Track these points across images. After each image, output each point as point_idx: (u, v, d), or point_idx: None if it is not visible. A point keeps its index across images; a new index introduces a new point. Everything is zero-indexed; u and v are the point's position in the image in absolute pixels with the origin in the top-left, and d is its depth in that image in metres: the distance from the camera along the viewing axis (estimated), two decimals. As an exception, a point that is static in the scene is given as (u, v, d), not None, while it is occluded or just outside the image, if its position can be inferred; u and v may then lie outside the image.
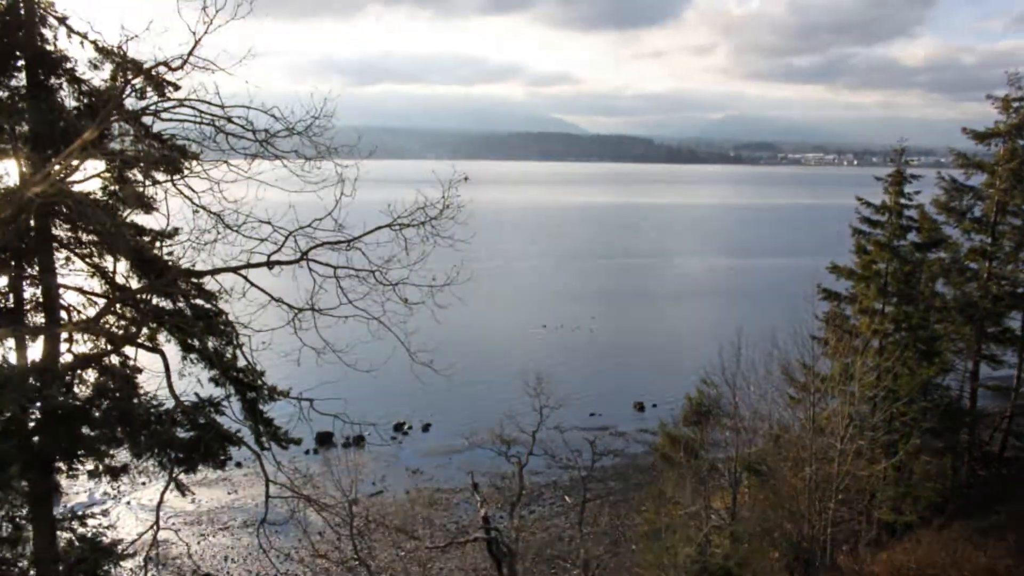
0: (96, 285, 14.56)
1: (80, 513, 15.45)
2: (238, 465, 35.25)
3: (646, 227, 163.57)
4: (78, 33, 13.32)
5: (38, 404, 13.73)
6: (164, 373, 13.09)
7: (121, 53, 12.99)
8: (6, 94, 13.33)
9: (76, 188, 13.54)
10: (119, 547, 15.51)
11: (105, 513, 16.31)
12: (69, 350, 14.35)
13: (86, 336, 14.33)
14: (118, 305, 14.11)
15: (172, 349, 14.19)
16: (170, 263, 13.83)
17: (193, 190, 13.31)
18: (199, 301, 14.27)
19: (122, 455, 15.09)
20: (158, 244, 14.28)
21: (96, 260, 14.47)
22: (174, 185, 13.53)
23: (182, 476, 14.78)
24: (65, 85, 13.68)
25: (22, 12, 13.18)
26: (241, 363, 14.38)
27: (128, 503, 33.28)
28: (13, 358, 13.86)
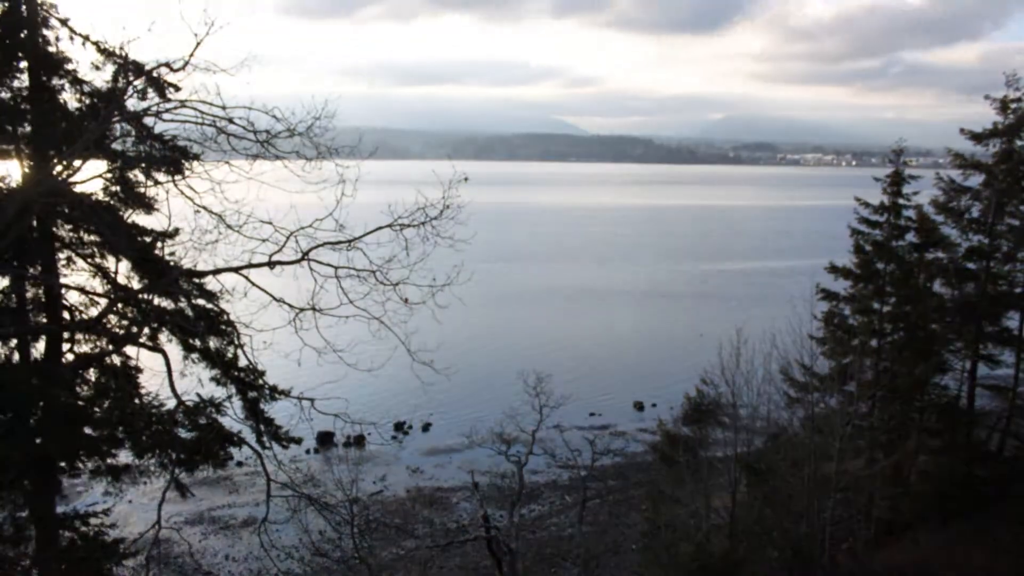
0: (98, 285, 14.65)
1: (82, 512, 15.55)
2: (239, 465, 35.24)
3: (647, 230, 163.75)
4: (80, 35, 13.42)
5: (40, 404, 13.81)
6: (166, 373, 13.14)
7: (123, 54, 13.08)
8: (9, 95, 13.43)
9: (78, 189, 13.63)
10: (121, 546, 15.62)
11: (107, 512, 16.35)
12: (71, 350, 14.43)
13: (88, 336, 14.41)
14: (120, 305, 14.18)
15: (173, 349, 14.25)
16: (171, 263, 13.89)
17: (194, 191, 13.39)
18: (200, 301, 14.35)
19: (124, 454, 15.18)
20: (159, 244, 14.36)
21: (98, 260, 14.56)
22: (175, 186, 13.61)
23: (183, 476, 14.86)
24: (67, 86, 13.78)
25: (24, 14, 13.27)
26: (242, 363, 14.46)
27: (130, 502, 33.31)
28: (16, 358, 13.94)
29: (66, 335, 14.29)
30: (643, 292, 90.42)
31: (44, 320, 14.37)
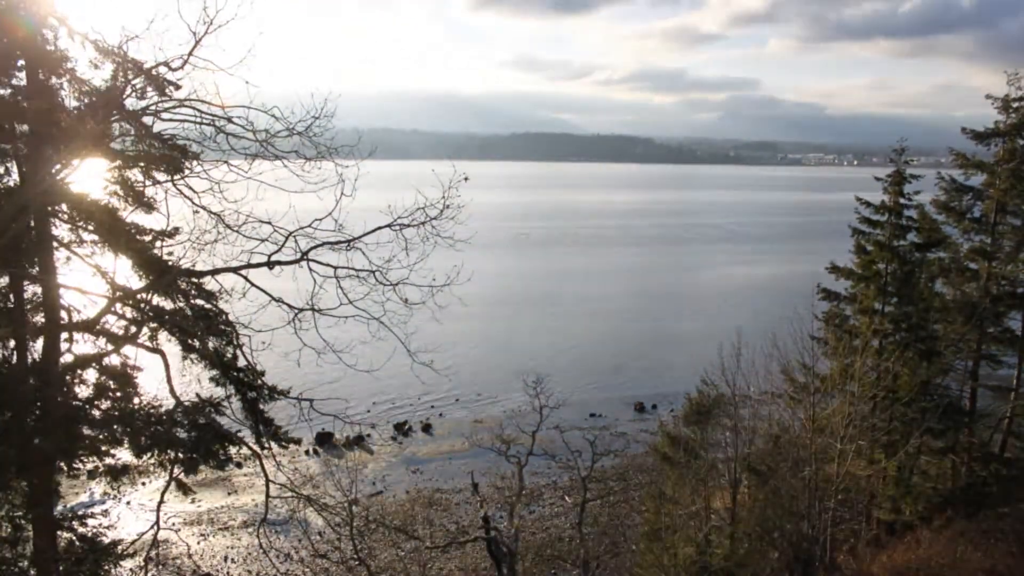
0: (96, 285, 14.56)
1: (80, 513, 15.47)
2: (238, 465, 35.12)
3: (646, 230, 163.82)
4: (78, 33, 13.31)
5: (38, 404, 13.74)
6: (164, 373, 13.10)
7: (121, 53, 13.00)
8: (7, 93, 13.34)
9: (77, 188, 13.57)
10: (119, 547, 15.54)
11: (105, 513, 16.28)
12: (69, 350, 14.35)
13: (86, 336, 14.34)
14: (118, 305, 14.11)
15: (172, 349, 14.21)
16: (170, 263, 13.85)
17: (193, 190, 13.35)
18: (199, 301, 14.29)
19: (122, 455, 15.12)
20: (158, 244, 14.30)
21: (96, 260, 14.48)
22: (174, 185, 13.56)
23: (183, 476, 14.81)
24: (66, 85, 13.67)
25: (22, 12, 13.18)
26: (241, 363, 14.41)
27: (128, 503, 33.27)
28: (14, 358, 13.87)
29: (64, 335, 14.22)
30: (642, 292, 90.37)
31: (42, 320, 14.30)
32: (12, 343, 13.74)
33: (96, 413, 14.48)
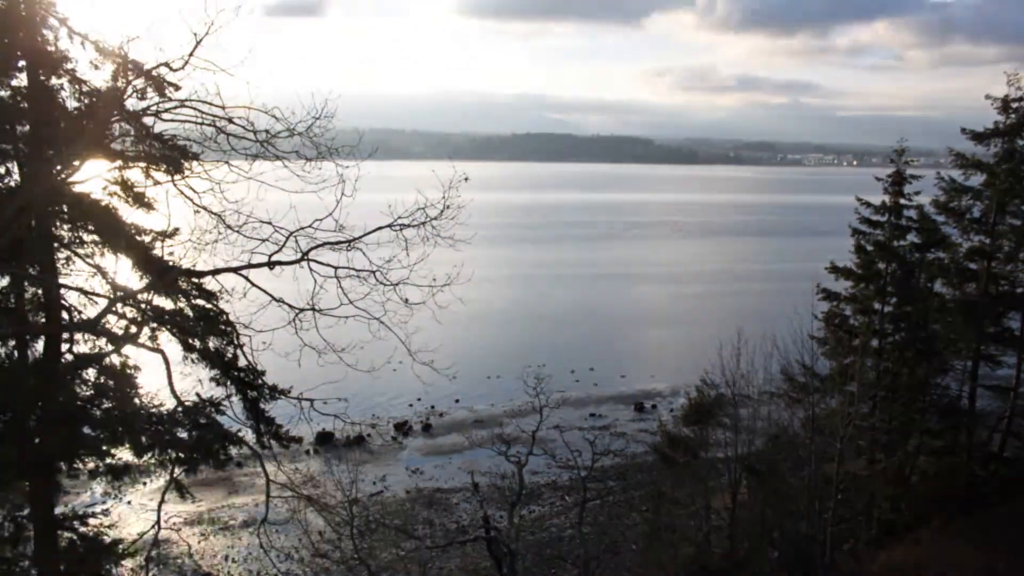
0: (97, 285, 14.57)
1: (81, 513, 15.50)
2: (239, 465, 35.15)
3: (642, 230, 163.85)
4: (79, 34, 13.32)
5: (39, 404, 13.77)
6: (165, 373, 13.10)
7: (122, 54, 13.01)
8: (7, 94, 13.36)
9: (77, 188, 13.60)
10: (120, 547, 15.57)
11: (106, 513, 16.35)
12: (70, 350, 14.36)
13: (87, 336, 14.35)
14: (119, 305, 14.11)
15: (173, 349, 14.20)
16: (171, 263, 13.85)
17: (194, 190, 13.36)
18: (200, 301, 14.30)
19: (123, 455, 15.14)
20: (159, 244, 14.31)
21: (97, 260, 14.49)
22: (175, 185, 13.57)
23: (183, 476, 14.82)
24: (66, 85, 13.68)
25: (23, 12, 13.20)
26: (242, 363, 14.42)
27: (129, 503, 33.30)
28: (15, 358, 13.89)
29: (65, 335, 14.23)
30: (643, 292, 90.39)
31: (43, 320, 14.32)
32: (13, 343, 13.76)
33: (97, 413, 14.50)
